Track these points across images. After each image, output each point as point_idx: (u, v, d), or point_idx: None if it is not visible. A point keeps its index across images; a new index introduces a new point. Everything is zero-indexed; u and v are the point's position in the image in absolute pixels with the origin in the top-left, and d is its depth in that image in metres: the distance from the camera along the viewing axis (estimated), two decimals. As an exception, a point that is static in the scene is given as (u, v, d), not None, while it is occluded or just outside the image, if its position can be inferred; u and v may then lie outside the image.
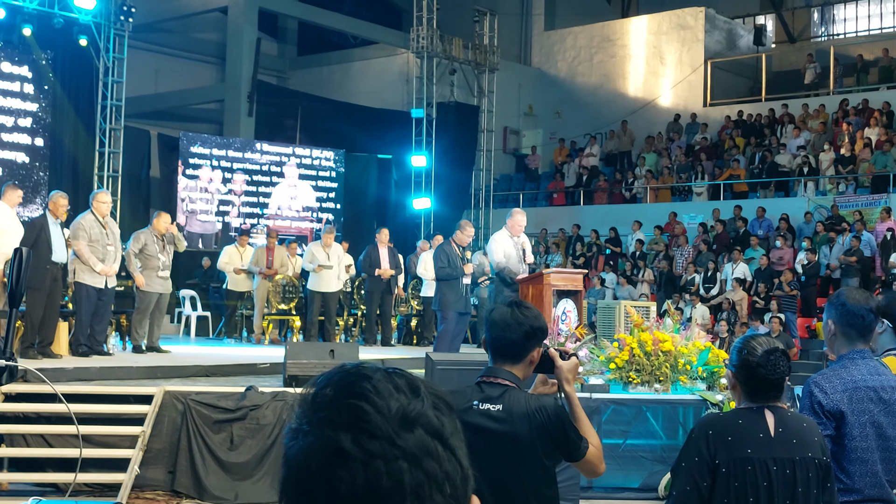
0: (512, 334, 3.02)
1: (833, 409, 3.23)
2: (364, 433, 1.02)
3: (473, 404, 2.95)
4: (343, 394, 1.05)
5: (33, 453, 7.45)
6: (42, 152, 16.10)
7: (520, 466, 2.95)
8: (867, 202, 17.76)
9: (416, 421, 1.04)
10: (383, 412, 1.03)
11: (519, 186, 23.87)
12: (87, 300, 9.42)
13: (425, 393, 1.08)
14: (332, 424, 1.03)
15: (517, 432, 2.93)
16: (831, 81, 22.30)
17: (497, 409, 2.96)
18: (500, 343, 3.04)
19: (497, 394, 2.99)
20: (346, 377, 1.08)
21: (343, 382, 1.07)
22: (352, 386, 1.06)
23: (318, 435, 1.03)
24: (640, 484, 7.80)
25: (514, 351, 3.04)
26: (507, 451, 2.93)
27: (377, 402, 1.04)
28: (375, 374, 1.07)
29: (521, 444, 2.94)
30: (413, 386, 1.08)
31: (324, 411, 1.05)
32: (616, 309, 9.90)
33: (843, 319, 3.36)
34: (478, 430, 2.88)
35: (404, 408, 1.05)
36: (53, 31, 15.12)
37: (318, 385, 1.09)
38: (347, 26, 22.64)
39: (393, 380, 1.08)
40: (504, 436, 2.93)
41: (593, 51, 25.09)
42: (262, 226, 18.65)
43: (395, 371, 1.10)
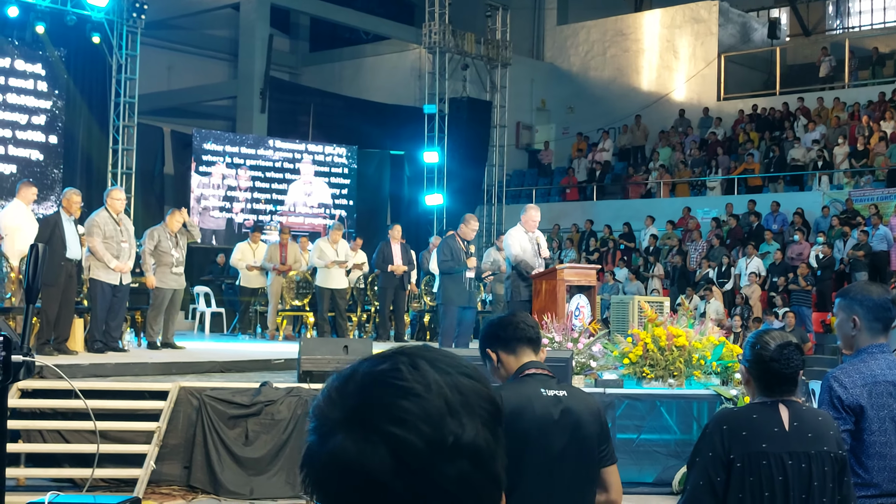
0: (532, 322, 3.20)
1: (853, 403, 3.21)
2: (403, 466, 0.95)
3: (541, 391, 3.03)
4: (383, 415, 0.97)
5: (50, 449, 7.49)
6: (56, 150, 16.18)
7: (586, 451, 3.04)
8: (882, 196, 17.66)
9: (463, 452, 0.97)
10: (432, 444, 0.96)
11: (532, 182, 23.84)
12: (102, 297, 9.46)
13: (477, 409, 1.00)
14: (371, 447, 0.96)
15: (582, 418, 3.03)
16: (846, 75, 22.18)
17: (563, 394, 3.05)
18: (528, 333, 3.14)
19: (554, 382, 3.10)
20: (390, 390, 0.98)
21: (384, 398, 0.98)
22: (394, 407, 0.97)
23: (356, 450, 0.97)
24: (654, 479, 7.79)
25: (539, 339, 3.18)
26: (574, 436, 3.01)
27: (425, 431, 0.96)
28: (428, 391, 0.98)
29: (584, 430, 3.03)
30: (467, 402, 1.00)
31: (360, 429, 0.97)
32: (630, 304, 9.89)
33: (871, 313, 3.32)
34: (550, 418, 2.97)
35: (458, 439, 0.97)
36: (66, 29, 15.18)
37: (359, 386, 1.01)
38: (359, 22, 22.66)
39: (445, 395, 0.98)
40: (573, 420, 3.02)
41: (606, 45, 25.02)
42: (275, 222, 18.69)
43: (446, 373, 1.01)
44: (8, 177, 15.16)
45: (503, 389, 3.04)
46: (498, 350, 3.14)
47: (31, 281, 2.59)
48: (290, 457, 7.55)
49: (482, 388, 1.03)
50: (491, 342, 3.17)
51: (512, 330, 3.14)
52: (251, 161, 18.95)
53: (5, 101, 15.57)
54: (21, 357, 2.47)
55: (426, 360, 1.03)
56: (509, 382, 3.10)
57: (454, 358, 1.06)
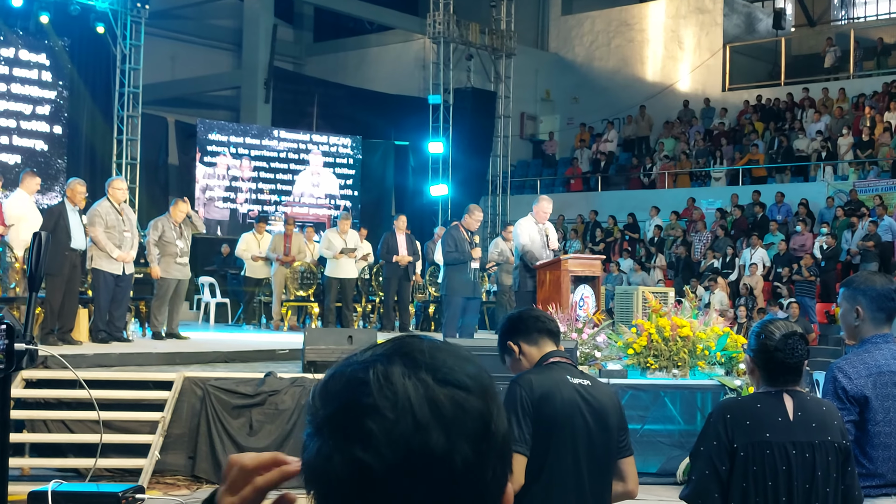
0: (551, 317, 3.36)
1: (857, 394, 3.20)
2: (368, 488, 0.95)
3: (567, 378, 3.11)
4: (349, 435, 0.96)
5: (54, 439, 7.51)
6: (60, 140, 16.18)
7: (608, 438, 3.11)
8: (887, 187, 17.62)
9: (432, 469, 0.95)
10: (392, 468, 0.94)
11: (536, 172, 23.80)
12: (105, 286, 9.47)
13: (452, 421, 0.95)
14: (337, 463, 0.96)
15: (605, 407, 3.11)
16: (851, 65, 22.10)
17: (587, 383, 3.14)
18: (548, 325, 3.24)
19: (578, 371, 3.20)
20: (356, 408, 0.96)
21: (349, 418, 0.96)
22: (358, 426, 0.95)
23: (325, 463, 0.97)
24: (658, 469, 7.79)
25: (559, 332, 3.29)
26: (598, 423, 3.08)
27: (385, 455, 0.94)
28: (395, 406, 0.95)
29: (608, 419, 3.11)
30: (440, 415, 0.95)
31: (329, 443, 0.97)
32: (634, 294, 9.88)
33: (874, 303, 3.31)
34: (575, 404, 3.05)
35: (424, 455, 0.94)
36: (70, 19, 15.17)
37: (332, 398, 0.99)
38: (364, 12, 22.60)
39: (413, 410, 0.95)
40: (597, 408, 3.09)
41: (611, 35, 24.94)
42: (279, 213, 18.69)
43: (422, 380, 0.97)
44: (12, 167, 15.16)
45: (532, 374, 3.12)
46: (519, 341, 3.21)
47: (33, 269, 2.59)
48: (295, 447, 7.56)
49: (468, 401, 0.97)
50: (511, 335, 3.24)
51: (532, 322, 3.22)
52: (255, 151, 18.95)
53: (9, 91, 15.57)
54: (24, 345, 2.47)
55: (406, 364, 0.98)
56: (536, 368, 3.16)
57: (444, 360, 1.00)
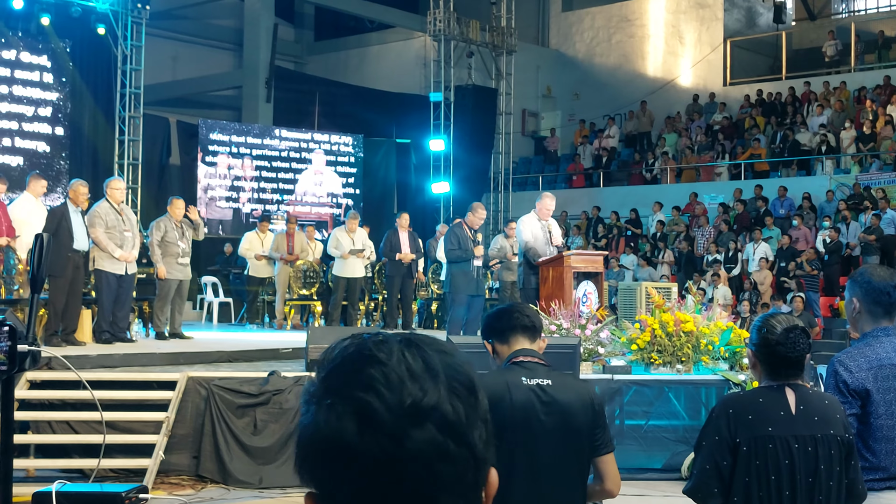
0: (529, 312, 3.21)
1: (858, 387, 3.20)
2: (369, 429, 0.98)
3: (521, 380, 3.01)
4: (350, 382, 1.02)
5: (59, 440, 7.52)
6: (62, 141, 16.20)
7: (572, 438, 3.02)
8: (889, 180, 17.59)
9: (427, 416, 0.99)
10: (392, 407, 0.99)
11: (538, 169, 23.79)
12: (108, 287, 9.48)
13: (443, 378, 1.02)
14: (337, 414, 1.00)
15: (568, 407, 3.01)
16: (852, 58, 22.06)
17: (547, 383, 3.02)
18: (522, 321, 3.14)
19: (542, 371, 3.06)
20: (357, 360, 1.04)
21: (352, 368, 1.03)
22: (360, 374, 1.02)
23: (325, 418, 1.01)
24: (662, 464, 7.79)
25: (536, 327, 3.17)
26: (557, 424, 2.99)
27: (385, 395, 0.99)
28: (390, 358, 1.02)
29: (571, 418, 3.01)
30: (431, 369, 1.02)
31: (330, 397, 1.02)
32: (637, 290, 9.88)
33: (870, 297, 3.32)
34: (530, 406, 2.96)
35: (416, 402, 0.99)
36: (71, 20, 15.18)
37: (331, 362, 1.06)
38: (364, 10, 22.60)
39: (408, 362, 1.02)
40: (556, 409, 3.00)
41: (611, 31, 24.92)
42: (282, 212, 18.70)
43: (414, 345, 1.05)
44: (15, 168, 15.19)
45: (483, 378, 3.03)
46: (493, 340, 3.19)
47: (35, 271, 2.60)
48: (299, 445, 7.56)
49: (457, 364, 1.05)
50: (487, 333, 3.22)
51: (506, 319, 3.16)
52: (257, 151, 18.95)
53: (11, 92, 15.58)
54: (27, 347, 2.48)
55: (402, 341, 1.06)
56: (493, 371, 3.12)
57: (436, 342, 1.08)
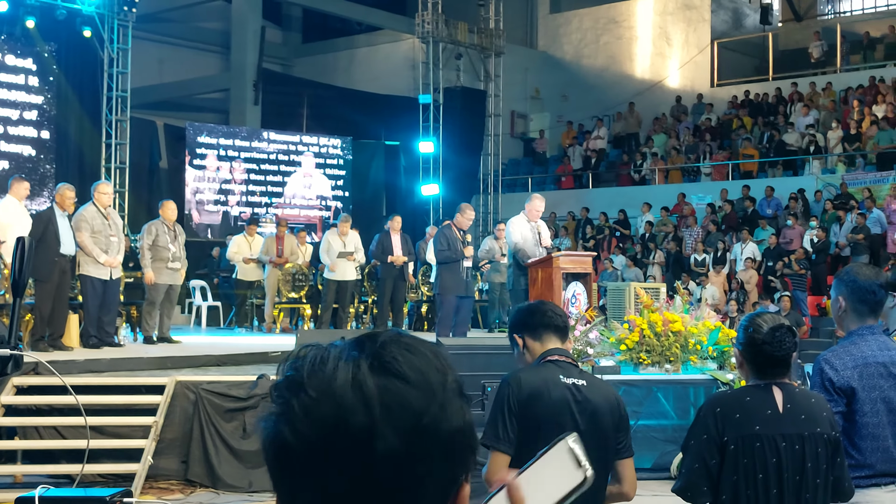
0: (560, 311, 3.25)
1: (844, 385, 3.21)
2: (284, 456, 0.98)
3: (559, 377, 3.07)
4: (274, 406, 0.99)
5: (46, 445, 7.48)
6: (48, 145, 16.13)
7: (601, 439, 3.06)
8: (875, 179, 17.67)
9: (349, 454, 0.95)
10: (307, 443, 0.96)
11: (527, 170, 23.81)
12: (93, 292, 9.44)
13: (391, 415, 0.95)
14: (266, 427, 1.00)
15: (598, 408, 3.07)
16: (838, 59, 22.16)
17: (582, 383, 3.09)
18: (555, 321, 3.19)
19: (576, 371, 3.14)
20: (290, 385, 0.99)
21: (284, 396, 0.99)
22: (285, 403, 0.98)
23: (267, 418, 1.00)
24: (652, 464, 7.79)
25: (566, 328, 3.23)
26: (589, 424, 3.04)
27: (301, 430, 0.96)
28: (321, 389, 0.97)
29: (601, 419, 3.07)
30: (366, 404, 0.96)
31: (274, 404, 1.00)
32: (626, 290, 9.87)
33: (855, 295, 3.34)
34: (565, 405, 3.02)
35: (346, 440, 0.95)
36: (56, 23, 15.10)
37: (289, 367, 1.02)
38: (352, 13, 22.58)
39: (336, 397, 0.96)
40: (588, 409, 3.06)
41: (599, 33, 24.96)
42: (270, 215, 18.65)
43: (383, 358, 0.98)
44: (0, 172, 15.11)
45: (522, 373, 3.11)
46: (524, 335, 3.21)
47: (17, 275, 2.57)
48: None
49: (403, 393, 0.97)
50: (518, 328, 3.25)
51: (539, 317, 3.21)
52: (245, 153, 18.91)
53: (-4, 96, 15.52)
54: (8, 351, 2.46)
55: (352, 350, 1.00)
56: (531, 366, 3.16)
57: (395, 353, 1.00)
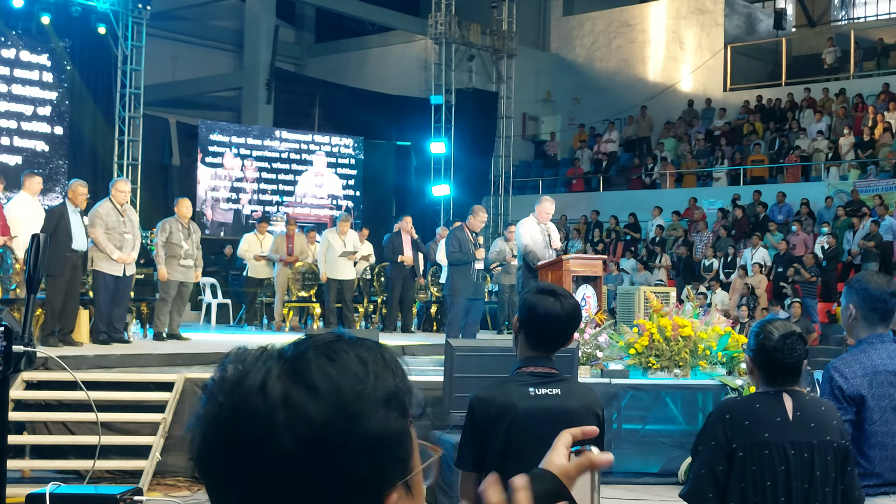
0: (560, 324, 2.97)
1: (853, 393, 3.21)
2: (198, 439, 1.02)
3: (528, 391, 2.92)
4: (205, 393, 1.03)
5: (55, 440, 7.51)
6: (61, 141, 16.19)
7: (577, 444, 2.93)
8: (887, 187, 17.60)
9: (255, 447, 0.97)
10: (220, 427, 0.99)
11: (538, 173, 23.80)
12: (105, 288, 9.47)
13: (282, 425, 0.96)
14: (196, 415, 1.02)
15: (577, 413, 2.93)
16: (851, 65, 22.08)
17: (556, 392, 2.95)
18: (547, 332, 2.98)
19: (551, 379, 2.98)
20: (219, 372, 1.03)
21: (210, 382, 1.03)
22: (211, 390, 1.03)
23: None
24: (659, 469, 7.78)
25: (561, 341, 3.01)
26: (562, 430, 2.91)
27: (212, 417, 1.00)
28: (250, 383, 1.00)
29: (578, 425, 2.92)
30: (287, 397, 0.97)
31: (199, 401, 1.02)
32: (635, 294, 9.87)
33: (866, 303, 3.33)
34: (537, 417, 2.88)
35: (250, 432, 0.97)
36: (71, 20, 15.17)
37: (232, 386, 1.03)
38: (365, 13, 22.61)
39: (267, 384, 0.99)
40: (563, 416, 2.90)
41: (612, 36, 24.93)
42: (281, 213, 18.69)
43: (295, 366, 1.01)
44: (13, 168, 15.18)
45: (487, 390, 2.98)
46: (522, 331, 3.00)
47: (31, 271, 2.59)
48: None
49: (305, 402, 0.97)
50: (522, 315, 3.01)
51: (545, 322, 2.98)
52: (257, 152, 18.95)
53: (10, 92, 15.58)
54: (22, 347, 2.47)
55: (273, 356, 1.03)
56: (497, 381, 3.04)
57: (312, 360, 1.01)
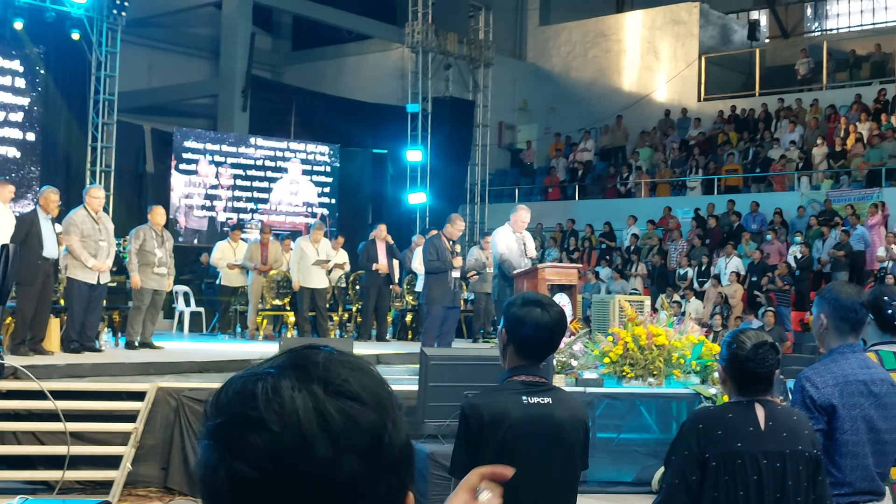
0: (549, 334, 2.97)
1: (825, 403, 3.23)
2: (244, 494, 0.96)
3: (521, 399, 2.94)
4: (234, 450, 0.97)
5: (24, 451, 7.41)
6: (34, 147, 16.04)
7: (565, 454, 2.99)
8: (859, 196, 17.77)
9: (316, 483, 0.95)
10: (274, 479, 0.95)
11: (514, 181, 23.85)
12: (79, 296, 9.38)
13: (341, 434, 0.96)
14: (223, 479, 0.97)
15: (564, 426, 2.97)
16: (824, 76, 22.31)
17: (547, 401, 2.97)
18: (536, 343, 2.99)
19: (542, 388, 2.99)
20: (242, 423, 0.97)
21: (236, 433, 0.97)
22: (242, 442, 0.96)
23: (209, 465, 0.98)
24: (633, 478, 7.79)
25: (550, 349, 3.04)
26: (555, 441, 2.96)
27: (267, 467, 0.95)
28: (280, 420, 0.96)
29: (566, 437, 2.98)
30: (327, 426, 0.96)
31: (218, 458, 0.98)
32: (610, 303, 9.88)
33: (837, 313, 3.36)
34: (529, 425, 2.91)
35: (310, 472, 0.95)
36: (45, 26, 15.04)
37: (220, 413, 1.00)
38: (342, 21, 22.59)
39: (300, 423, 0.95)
40: (553, 426, 2.96)
41: (588, 46, 25.05)
42: (255, 221, 18.61)
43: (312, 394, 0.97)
44: (-15, 175, 15.03)
45: (481, 397, 2.98)
46: (510, 343, 3.00)
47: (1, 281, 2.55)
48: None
49: (360, 413, 0.98)
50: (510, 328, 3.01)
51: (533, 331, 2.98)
52: (233, 159, 18.86)
53: (-18, 97, 15.44)
54: (-10, 357, 2.44)
55: (298, 377, 0.99)
56: (489, 389, 3.06)
57: (339, 372, 1.01)
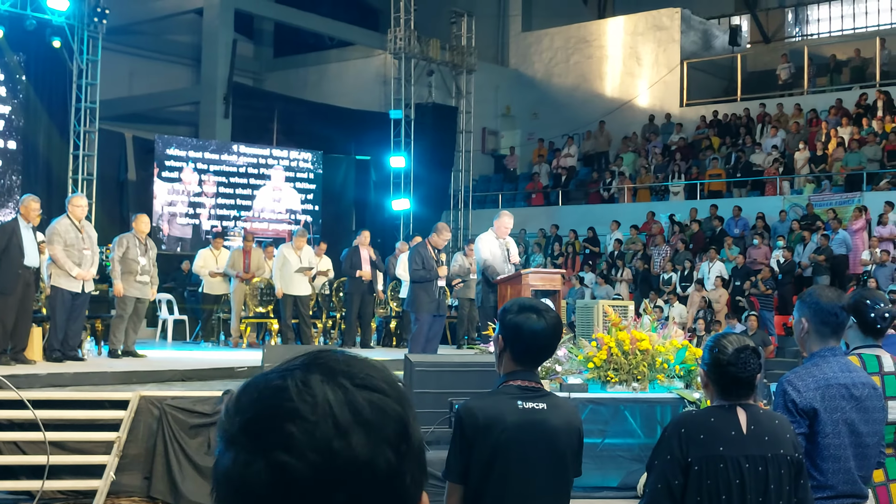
0: (545, 340, 2.96)
1: (806, 406, 3.24)
2: (288, 489, 0.95)
3: (517, 404, 2.93)
4: (268, 439, 0.96)
5: (6, 461, 7.35)
6: (14, 156, 15.95)
7: (559, 460, 2.98)
8: (841, 201, 17.89)
9: (354, 473, 0.95)
10: (316, 468, 0.95)
11: (497, 187, 23.88)
12: (63, 305, 9.32)
13: (375, 426, 0.97)
14: (256, 471, 0.96)
15: (558, 432, 2.96)
16: (805, 81, 22.46)
17: (542, 407, 2.96)
18: (534, 349, 2.97)
19: (537, 393, 2.98)
20: (276, 414, 0.97)
21: (269, 424, 0.97)
22: (278, 431, 0.96)
23: (241, 472, 0.96)
24: (618, 483, 7.80)
25: (547, 354, 3.03)
26: (548, 447, 2.95)
27: (308, 455, 0.95)
28: (315, 410, 0.96)
29: (559, 443, 2.97)
30: (361, 418, 0.97)
31: (248, 450, 0.97)
32: (594, 308, 9.90)
33: (818, 317, 3.38)
34: (523, 431, 2.90)
35: (344, 460, 0.95)
36: (26, 33, 14.95)
37: (250, 408, 0.99)
38: (324, 28, 22.58)
39: (334, 413, 0.96)
40: (547, 432, 2.96)
41: (570, 52, 25.13)
42: (238, 228, 18.55)
43: (341, 387, 0.98)
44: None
45: (476, 401, 2.97)
46: (507, 349, 2.98)
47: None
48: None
49: (387, 404, 0.99)
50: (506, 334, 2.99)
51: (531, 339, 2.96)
52: (215, 167, 18.80)
53: (-38, 106, 15.34)
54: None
55: (324, 372, 1.00)
56: (484, 393, 3.06)
57: (361, 368, 1.02)
